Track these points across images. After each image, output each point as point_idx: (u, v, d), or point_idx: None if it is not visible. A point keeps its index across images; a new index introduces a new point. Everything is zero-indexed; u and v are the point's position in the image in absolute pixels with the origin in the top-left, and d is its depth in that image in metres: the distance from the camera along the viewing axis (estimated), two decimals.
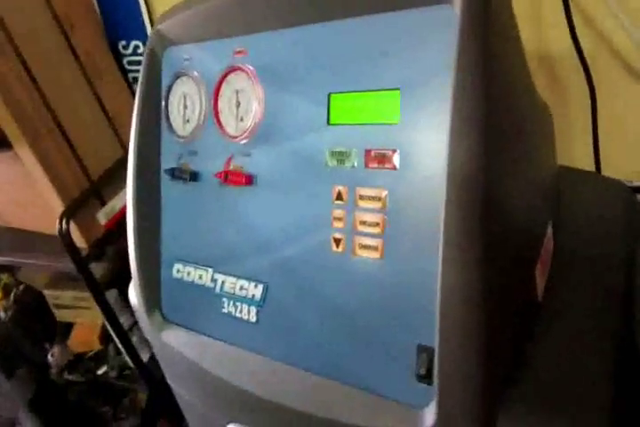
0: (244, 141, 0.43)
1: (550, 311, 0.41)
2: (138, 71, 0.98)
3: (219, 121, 0.44)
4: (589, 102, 0.64)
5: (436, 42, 0.32)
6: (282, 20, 0.39)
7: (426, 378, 0.34)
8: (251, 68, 0.41)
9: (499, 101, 0.31)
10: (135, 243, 0.49)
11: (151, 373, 1.03)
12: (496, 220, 0.32)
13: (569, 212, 0.51)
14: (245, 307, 0.44)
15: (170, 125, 0.48)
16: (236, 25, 0.42)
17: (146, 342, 1.05)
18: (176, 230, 0.49)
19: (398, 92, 0.34)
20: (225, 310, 0.45)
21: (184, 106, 0.47)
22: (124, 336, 0.98)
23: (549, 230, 0.44)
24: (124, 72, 0.98)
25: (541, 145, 0.41)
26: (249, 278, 0.43)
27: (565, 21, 0.59)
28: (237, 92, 0.43)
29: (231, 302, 0.45)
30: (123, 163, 0.93)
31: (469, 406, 0.32)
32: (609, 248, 0.47)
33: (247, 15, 0.41)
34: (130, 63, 0.98)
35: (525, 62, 0.37)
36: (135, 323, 1.03)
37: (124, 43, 0.96)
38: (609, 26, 0.61)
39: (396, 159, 0.35)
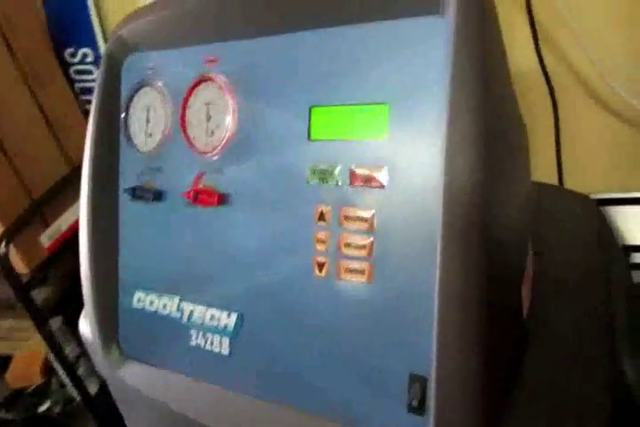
0: (216, 157, 0.39)
1: (537, 330, 0.40)
2: (86, 81, 0.93)
3: (187, 135, 0.40)
4: (553, 119, 0.65)
5: (428, 54, 0.31)
6: (259, 28, 0.36)
7: (418, 409, 0.31)
8: (223, 78, 0.38)
9: (493, 116, 0.30)
10: (90, 269, 0.44)
11: (99, 406, 0.94)
12: (495, 239, 0.30)
13: (542, 226, 0.51)
14: (217, 338, 0.40)
15: (130, 140, 0.44)
16: (208, 31, 0.39)
17: (93, 372, 0.97)
18: (137, 255, 0.44)
19: (387, 106, 0.32)
20: (193, 343, 0.41)
21: (146, 119, 0.43)
22: (70, 368, 0.90)
23: (530, 245, 0.43)
24: (71, 82, 0.92)
25: (523, 159, 0.41)
26: (220, 307, 0.40)
27: (532, 41, 0.60)
28: (208, 104, 0.39)
29: (200, 334, 0.40)
30: (68, 180, 0.87)
31: None
32: (585, 262, 0.47)
33: (220, 21, 0.38)
34: (78, 72, 0.92)
35: (510, 77, 0.37)
36: (82, 353, 0.94)
37: (71, 50, 0.90)
38: (571, 47, 0.63)
39: (383, 177, 0.32)
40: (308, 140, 0.35)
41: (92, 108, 0.44)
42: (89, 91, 0.92)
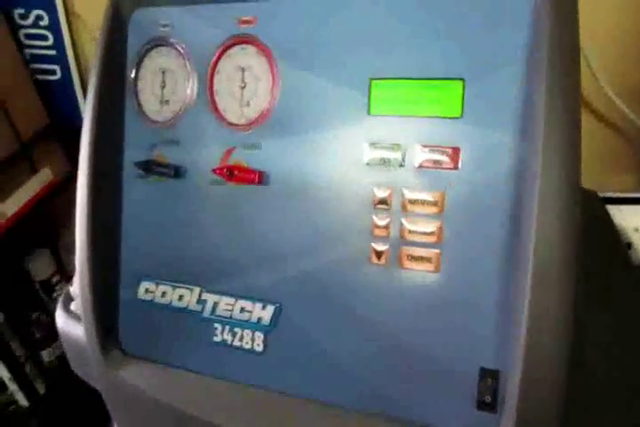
0: (250, 131, 0.35)
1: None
2: (39, 47, 0.82)
3: (215, 105, 0.36)
4: None
5: (515, 23, 0.28)
6: None
7: (490, 406, 0.30)
8: (263, 40, 0.34)
9: (577, 100, 0.29)
10: (89, 256, 0.38)
11: (48, 410, 0.85)
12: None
13: None
14: (248, 333, 0.36)
15: (140, 107, 0.38)
16: None
17: (40, 372, 0.87)
18: (145, 240, 0.39)
19: (462, 82, 0.30)
20: (217, 339, 0.36)
21: (161, 83, 0.37)
22: (18, 369, 0.80)
23: None
24: (21, 47, 0.81)
25: None
26: (253, 298, 0.35)
27: None
28: (243, 70, 0.35)
29: (227, 328, 0.36)
30: (17, 157, 0.76)
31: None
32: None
33: None
34: (28, 37, 0.81)
35: None
36: (32, 354, 0.84)
37: (21, 11, 0.78)
38: None
39: (456, 158, 0.30)
40: (368, 115, 0.32)
41: (94, 68, 0.38)
42: (41, 58, 0.81)
